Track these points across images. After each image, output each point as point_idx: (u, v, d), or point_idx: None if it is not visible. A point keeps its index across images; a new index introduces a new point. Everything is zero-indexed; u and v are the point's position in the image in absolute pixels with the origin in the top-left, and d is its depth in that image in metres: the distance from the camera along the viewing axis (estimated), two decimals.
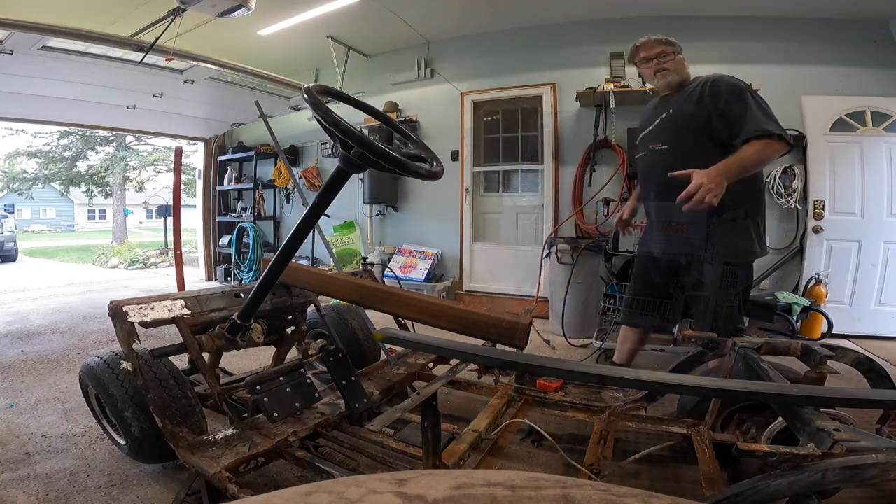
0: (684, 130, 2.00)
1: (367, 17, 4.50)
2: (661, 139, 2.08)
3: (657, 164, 2.07)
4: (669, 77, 2.10)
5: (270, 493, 0.44)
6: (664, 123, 2.08)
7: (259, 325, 1.92)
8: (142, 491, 1.62)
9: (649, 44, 2.14)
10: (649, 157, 2.14)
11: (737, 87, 1.94)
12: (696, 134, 1.96)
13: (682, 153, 1.94)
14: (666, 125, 2.07)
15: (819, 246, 3.96)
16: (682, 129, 2.01)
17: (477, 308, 1.95)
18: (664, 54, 2.10)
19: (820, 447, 0.94)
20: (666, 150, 2.05)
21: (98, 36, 3.52)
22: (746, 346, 1.56)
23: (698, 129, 1.96)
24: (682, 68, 2.12)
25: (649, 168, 2.16)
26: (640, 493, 0.43)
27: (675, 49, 2.12)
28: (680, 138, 2.01)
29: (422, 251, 5.17)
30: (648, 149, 2.14)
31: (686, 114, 2.00)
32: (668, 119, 2.07)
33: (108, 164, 15.98)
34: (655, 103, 2.25)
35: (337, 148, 1.34)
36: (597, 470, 1.44)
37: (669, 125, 2.06)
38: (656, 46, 2.11)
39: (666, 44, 2.11)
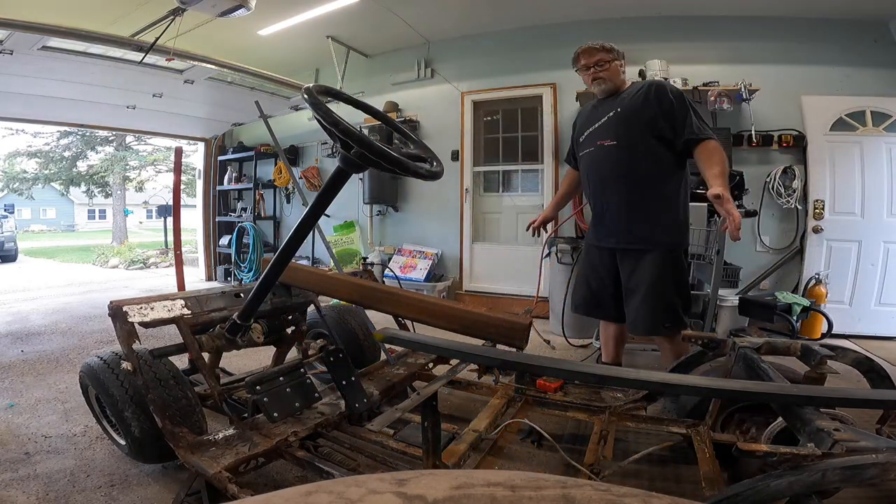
0: (633, 127, 2.11)
1: (367, 17, 4.50)
2: (609, 135, 2.17)
3: (606, 159, 2.19)
4: (605, 84, 2.22)
5: (270, 493, 0.44)
6: (612, 121, 2.17)
7: (259, 325, 1.92)
8: (142, 491, 1.62)
9: (589, 51, 2.21)
10: (597, 152, 2.22)
11: (679, 93, 2.12)
12: (643, 131, 2.10)
13: (630, 147, 2.12)
14: (614, 122, 2.16)
15: (819, 246, 3.96)
16: (630, 126, 2.12)
17: (477, 308, 1.96)
18: (602, 62, 2.19)
19: (820, 447, 0.94)
20: (615, 146, 2.15)
21: (98, 36, 3.52)
22: (746, 346, 1.56)
23: (645, 127, 2.10)
24: (616, 76, 2.22)
25: (598, 163, 2.23)
26: (640, 493, 0.43)
27: (614, 56, 2.20)
28: (629, 134, 2.12)
29: (422, 251, 5.17)
30: (596, 145, 2.22)
31: (635, 112, 2.12)
32: (617, 117, 2.16)
33: (108, 164, 15.98)
34: (594, 104, 2.34)
35: (337, 148, 1.34)
36: (597, 470, 1.44)
37: (618, 122, 2.15)
38: (595, 54, 2.19)
39: (604, 51, 2.19)
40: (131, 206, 19.83)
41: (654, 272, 2.10)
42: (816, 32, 4.03)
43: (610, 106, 2.21)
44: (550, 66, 4.67)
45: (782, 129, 4.05)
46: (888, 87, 3.88)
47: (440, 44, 5.18)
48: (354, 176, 1.46)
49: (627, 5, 4.23)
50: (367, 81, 5.53)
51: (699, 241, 2.78)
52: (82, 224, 30.33)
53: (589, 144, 2.26)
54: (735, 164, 3.90)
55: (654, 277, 2.09)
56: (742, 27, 4.14)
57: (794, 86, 4.04)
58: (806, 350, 1.49)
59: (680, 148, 2.09)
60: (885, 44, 3.92)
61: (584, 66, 2.23)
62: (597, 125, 2.24)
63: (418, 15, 4.59)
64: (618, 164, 2.15)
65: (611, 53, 2.20)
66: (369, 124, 4.84)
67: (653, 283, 2.09)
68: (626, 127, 2.13)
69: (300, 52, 5.26)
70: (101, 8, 3.94)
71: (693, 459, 1.50)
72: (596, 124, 2.24)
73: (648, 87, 2.15)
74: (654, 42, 4.31)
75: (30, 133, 15.89)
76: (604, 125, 2.20)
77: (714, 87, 3.95)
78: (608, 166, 2.19)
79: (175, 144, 7.38)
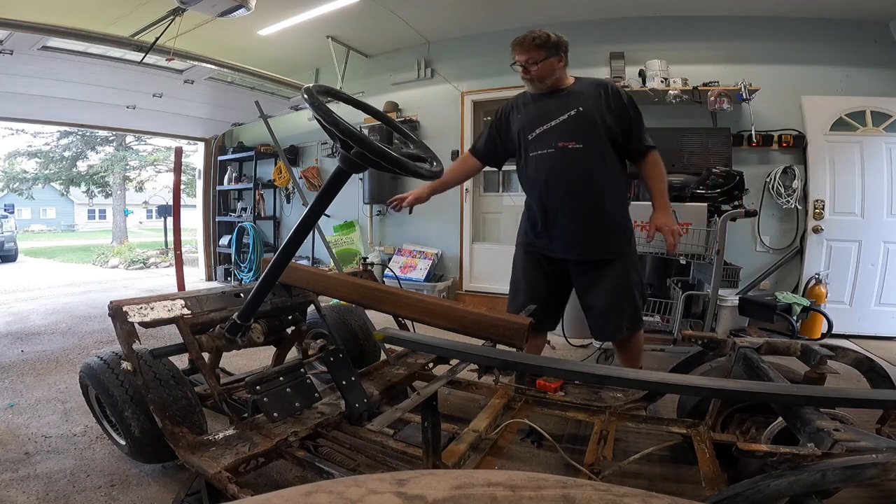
0: (597, 130, 2.01)
1: (367, 17, 4.50)
2: (573, 137, 2.01)
3: (571, 163, 2.02)
4: (534, 85, 2.07)
5: (270, 493, 0.44)
6: (575, 122, 2.01)
7: (259, 325, 1.92)
8: (142, 491, 1.62)
9: (521, 46, 2.02)
10: (558, 155, 2.03)
11: (631, 97, 2.05)
12: (604, 134, 2.01)
13: (595, 152, 2.01)
14: (578, 124, 2.01)
15: (819, 246, 3.96)
16: (594, 129, 2.00)
17: (477, 308, 1.95)
18: (531, 62, 2.01)
19: (820, 447, 0.94)
20: (581, 150, 2.00)
21: (98, 36, 3.52)
22: (746, 346, 1.56)
23: (604, 130, 2.01)
24: (548, 74, 2.04)
25: (559, 167, 2.03)
26: (640, 493, 0.43)
27: (549, 54, 2.00)
28: (593, 138, 2.01)
29: (422, 251, 5.17)
30: (556, 147, 2.03)
31: (599, 113, 2.01)
32: (580, 118, 2.00)
33: (108, 164, 15.98)
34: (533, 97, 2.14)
35: (337, 148, 1.34)
36: (597, 470, 1.44)
37: (582, 124, 2.00)
38: (527, 51, 2.01)
39: (536, 49, 1.99)
40: (131, 206, 19.83)
41: (621, 279, 2.05)
42: (816, 32, 4.03)
43: (564, 103, 2.04)
44: None
45: (782, 129, 4.05)
46: (888, 87, 3.88)
47: (440, 44, 5.18)
48: (354, 176, 1.46)
49: (627, 5, 4.23)
50: (367, 81, 5.53)
51: (699, 241, 2.78)
52: (82, 224, 30.32)
53: (545, 145, 2.05)
54: (735, 164, 3.90)
55: (621, 284, 2.05)
56: (742, 27, 4.14)
57: (794, 86, 4.04)
58: (806, 350, 1.49)
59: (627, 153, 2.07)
60: (885, 44, 3.92)
61: (516, 60, 2.05)
62: (553, 123, 2.04)
63: (418, 15, 4.59)
64: (585, 169, 2.00)
65: (544, 51, 1.99)
66: (369, 124, 4.84)
67: (620, 290, 2.05)
68: (590, 129, 2.00)
69: (300, 52, 5.26)
70: (101, 8, 3.94)
71: (693, 459, 1.50)
72: (551, 122, 2.04)
73: (604, 88, 2.05)
74: (654, 42, 4.31)
75: (30, 133, 15.90)
76: (564, 125, 2.02)
77: (714, 87, 3.95)
78: (573, 171, 2.01)
79: (175, 144, 7.38)
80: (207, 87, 4.82)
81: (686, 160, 3.96)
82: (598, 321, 2.09)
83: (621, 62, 4.34)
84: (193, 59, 4.05)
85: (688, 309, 3.05)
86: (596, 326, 2.12)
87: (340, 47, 5.18)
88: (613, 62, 4.35)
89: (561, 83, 2.08)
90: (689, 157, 3.97)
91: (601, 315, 2.07)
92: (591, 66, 4.46)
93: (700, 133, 4.05)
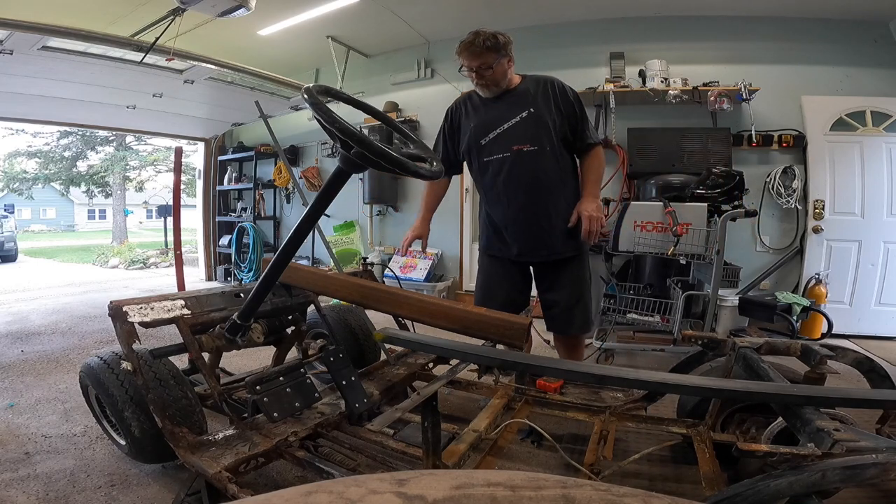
0: (549, 130, 1.99)
1: (367, 17, 4.50)
2: (528, 140, 1.99)
3: (529, 167, 2.00)
4: (490, 90, 2.03)
5: (270, 493, 0.44)
6: (527, 124, 1.99)
7: (259, 325, 1.92)
8: (142, 491, 1.62)
9: (470, 51, 1.95)
10: (515, 159, 2.00)
11: (577, 94, 2.06)
12: (556, 134, 2.01)
13: (550, 153, 2.00)
14: (531, 125, 1.98)
15: (819, 246, 3.96)
16: (546, 129, 1.99)
17: (477, 308, 1.95)
18: (485, 66, 1.95)
19: (820, 447, 0.94)
20: (536, 152, 1.98)
21: (98, 36, 3.52)
22: (746, 346, 1.56)
23: (558, 132, 2.01)
24: (503, 77, 2.01)
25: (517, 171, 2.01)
26: (640, 493, 0.43)
27: (501, 55, 1.96)
28: (547, 139, 1.99)
29: (422, 251, 5.17)
30: (512, 150, 2.00)
31: (549, 113, 1.99)
32: (533, 119, 1.98)
33: (108, 164, 15.98)
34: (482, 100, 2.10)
35: (337, 148, 1.34)
36: (597, 470, 1.44)
37: (535, 125, 1.98)
38: (478, 56, 1.94)
39: (488, 52, 1.93)
40: (131, 206, 19.83)
41: (580, 276, 2.12)
42: (816, 32, 4.03)
43: (515, 105, 2.00)
44: (550, 66, 4.66)
45: (782, 129, 4.05)
46: (888, 87, 3.88)
47: (440, 44, 5.18)
48: (354, 176, 1.46)
49: (627, 5, 4.23)
50: (367, 81, 5.54)
51: (699, 241, 2.78)
52: (82, 224, 30.32)
53: (501, 149, 2.01)
54: (735, 164, 3.90)
55: (580, 281, 2.12)
56: (742, 27, 4.14)
57: (794, 86, 4.04)
58: (806, 350, 1.49)
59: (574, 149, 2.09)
60: (885, 44, 3.92)
61: (465, 65, 1.99)
62: (506, 126, 2.00)
63: (418, 15, 4.59)
64: (542, 171, 1.99)
65: (496, 53, 1.94)
66: (369, 124, 4.84)
67: (580, 284, 2.12)
68: (543, 130, 1.98)
69: (300, 52, 5.26)
70: (101, 8, 3.94)
71: (693, 459, 1.50)
72: (504, 125, 2.00)
73: (551, 85, 2.02)
74: (654, 42, 4.32)
75: (30, 133, 15.90)
76: (518, 128, 1.99)
77: (714, 87, 3.95)
78: (530, 174, 2.00)
79: (175, 144, 7.38)
80: (207, 87, 4.82)
81: (686, 160, 3.96)
82: (563, 315, 2.12)
83: (621, 62, 4.34)
84: (193, 59, 4.05)
85: (688, 309, 3.05)
86: (560, 321, 2.15)
87: (340, 47, 5.19)
88: (613, 62, 4.35)
89: (511, 84, 2.05)
90: (689, 157, 3.98)
91: (567, 309, 2.11)
92: (591, 66, 4.47)
93: (700, 133, 4.05)
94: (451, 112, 2.22)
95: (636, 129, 4.18)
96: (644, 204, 3.11)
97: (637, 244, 2.89)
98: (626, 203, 3.09)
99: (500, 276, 2.19)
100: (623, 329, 3.33)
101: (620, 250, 3.13)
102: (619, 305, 3.08)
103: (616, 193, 4.32)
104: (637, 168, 4.13)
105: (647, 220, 2.89)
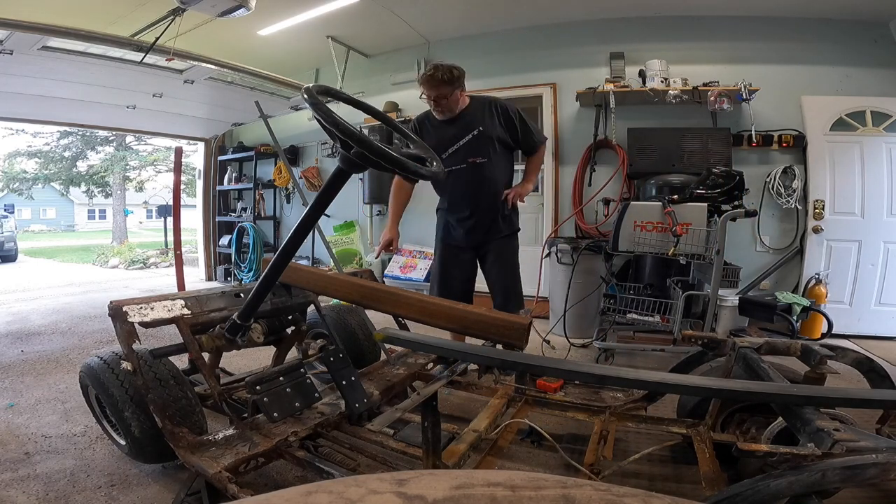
0: (495, 144, 2.48)
1: (367, 17, 4.50)
2: (479, 154, 2.46)
3: (479, 175, 2.48)
4: (446, 114, 2.47)
5: (270, 493, 0.44)
6: (478, 141, 2.45)
7: (259, 325, 1.92)
8: (142, 491, 1.62)
9: (431, 84, 2.37)
10: (470, 169, 2.47)
11: (516, 109, 2.53)
12: (501, 147, 2.51)
13: (495, 163, 2.50)
14: (481, 142, 2.45)
15: (819, 246, 3.96)
16: (493, 144, 2.48)
17: (477, 308, 1.95)
18: (441, 97, 2.38)
19: (820, 447, 0.94)
20: (486, 163, 2.47)
21: (98, 36, 3.52)
22: (746, 346, 1.56)
23: (501, 143, 2.51)
24: (456, 104, 2.45)
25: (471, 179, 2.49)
26: (640, 493, 0.43)
27: (455, 87, 2.39)
28: (493, 151, 2.48)
29: (422, 251, 5.17)
30: (468, 163, 2.47)
31: (494, 131, 2.47)
32: (483, 136, 2.45)
33: (108, 164, 15.98)
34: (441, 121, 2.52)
35: (337, 148, 1.34)
36: (597, 470, 1.44)
37: (484, 142, 2.46)
38: (437, 88, 2.36)
39: (444, 85, 2.35)
40: (131, 206, 19.83)
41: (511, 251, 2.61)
42: (816, 32, 4.03)
43: (467, 125, 2.46)
44: (550, 66, 4.67)
45: (782, 129, 4.05)
46: (888, 87, 3.88)
47: (440, 44, 5.18)
48: (354, 176, 1.46)
49: (627, 5, 4.22)
50: (367, 81, 5.53)
51: (699, 241, 2.78)
52: (82, 224, 30.32)
53: (459, 161, 2.47)
54: (735, 163, 3.90)
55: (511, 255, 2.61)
56: (742, 27, 4.13)
57: (794, 86, 4.03)
58: (806, 350, 1.49)
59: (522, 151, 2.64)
60: (885, 44, 3.92)
61: (426, 94, 2.42)
62: (461, 143, 2.46)
63: (418, 15, 4.59)
64: (489, 178, 2.50)
65: (451, 86, 2.37)
66: (369, 124, 4.84)
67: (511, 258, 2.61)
68: (490, 145, 2.46)
69: (300, 52, 5.25)
70: (101, 8, 3.94)
71: (693, 459, 1.50)
72: (460, 142, 2.46)
73: (493, 106, 2.49)
74: (654, 42, 4.31)
75: (30, 133, 15.91)
76: (471, 144, 2.45)
77: (714, 87, 3.95)
78: (480, 181, 2.49)
79: (175, 144, 7.38)
80: (207, 87, 4.82)
81: (686, 160, 3.96)
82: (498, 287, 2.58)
83: (621, 62, 4.34)
84: (193, 59, 4.05)
85: (688, 309, 3.05)
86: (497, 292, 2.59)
87: (340, 47, 5.18)
88: (613, 62, 4.35)
89: (464, 105, 2.50)
90: (689, 157, 3.97)
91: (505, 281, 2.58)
92: (592, 66, 4.47)
93: (700, 133, 4.05)
94: (415, 127, 2.61)
95: (636, 129, 4.18)
96: (644, 204, 3.11)
97: (637, 244, 2.88)
98: (626, 203, 3.09)
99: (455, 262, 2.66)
100: (623, 329, 3.32)
101: (620, 250, 3.13)
102: (619, 305, 3.08)
103: (616, 193, 4.32)
104: (637, 168, 4.13)
105: (647, 220, 2.89)
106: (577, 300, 3.55)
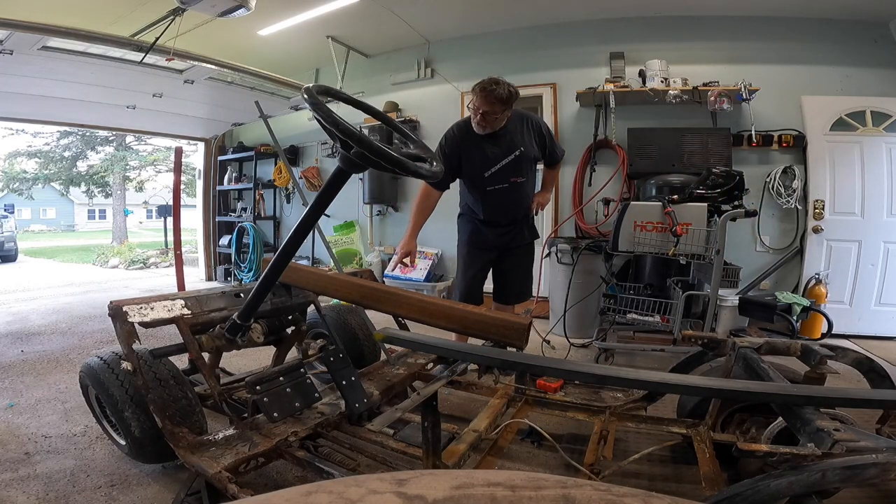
0: (532, 164, 2.59)
1: (367, 17, 4.50)
2: (520, 174, 2.55)
3: (518, 192, 2.60)
4: (486, 130, 2.44)
5: (270, 493, 0.44)
6: (520, 161, 2.52)
7: (259, 325, 1.92)
8: (142, 491, 1.62)
9: (487, 99, 2.31)
10: (512, 188, 2.56)
11: (546, 125, 2.66)
12: (535, 164, 2.63)
13: (530, 180, 2.64)
14: (522, 163, 2.53)
15: (819, 246, 3.96)
16: (531, 164, 2.59)
17: (477, 308, 1.95)
18: (491, 114, 2.35)
19: (820, 447, 0.94)
20: (524, 182, 2.59)
21: (98, 36, 3.52)
22: (746, 346, 1.56)
23: (536, 161, 2.62)
24: (500, 123, 2.44)
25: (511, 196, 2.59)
26: (640, 493, 0.43)
27: (505, 107, 2.36)
28: (530, 170, 2.61)
29: (422, 251, 5.16)
30: (510, 182, 2.54)
31: (533, 151, 2.56)
32: (524, 157, 2.53)
33: (108, 164, 15.97)
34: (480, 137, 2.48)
35: (337, 148, 1.34)
36: (597, 470, 1.44)
37: (525, 162, 2.55)
38: (491, 105, 2.32)
39: (500, 104, 2.32)
40: (131, 206, 19.82)
41: (530, 257, 2.79)
42: (816, 32, 4.03)
43: (509, 145, 2.49)
44: (550, 66, 4.67)
45: (782, 129, 4.05)
46: (888, 87, 3.88)
47: (440, 44, 5.18)
48: (354, 176, 1.46)
49: (627, 5, 4.22)
50: (367, 81, 5.53)
51: (699, 241, 2.78)
52: (82, 224, 30.30)
53: (501, 181, 2.54)
54: (735, 164, 3.90)
55: (530, 261, 2.79)
56: (742, 27, 4.13)
57: (794, 86, 4.03)
58: (806, 350, 1.49)
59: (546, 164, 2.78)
60: (885, 44, 3.92)
61: (477, 106, 2.35)
62: (505, 163, 2.50)
63: (418, 15, 4.59)
64: (527, 194, 2.67)
65: (505, 105, 2.34)
66: (369, 124, 4.83)
67: (529, 264, 2.79)
68: (528, 165, 2.58)
69: (300, 52, 5.25)
70: (101, 8, 3.94)
71: (693, 459, 1.50)
72: (502, 162, 2.50)
73: (528, 123, 2.54)
74: (654, 42, 4.31)
75: (30, 133, 15.89)
76: (513, 164, 2.51)
77: (714, 87, 3.95)
78: (518, 197, 2.63)
79: (175, 144, 7.37)
80: (207, 87, 4.82)
81: (686, 160, 3.96)
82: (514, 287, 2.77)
83: (621, 62, 4.34)
84: (193, 59, 4.05)
85: (688, 309, 3.05)
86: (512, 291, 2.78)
87: (340, 47, 5.18)
88: (613, 62, 4.34)
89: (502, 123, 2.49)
90: (689, 157, 3.97)
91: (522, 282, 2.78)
92: (592, 66, 4.47)
93: (700, 133, 4.05)
94: (450, 140, 2.57)
95: (636, 129, 4.18)
96: (644, 204, 3.10)
97: (637, 244, 2.88)
98: (626, 203, 3.09)
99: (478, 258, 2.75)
100: (623, 329, 3.32)
101: (620, 250, 3.13)
102: (619, 305, 3.08)
103: (616, 193, 4.32)
104: (637, 168, 4.13)
105: (647, 220, 2.89)
106: (577, 300, 3.55)
